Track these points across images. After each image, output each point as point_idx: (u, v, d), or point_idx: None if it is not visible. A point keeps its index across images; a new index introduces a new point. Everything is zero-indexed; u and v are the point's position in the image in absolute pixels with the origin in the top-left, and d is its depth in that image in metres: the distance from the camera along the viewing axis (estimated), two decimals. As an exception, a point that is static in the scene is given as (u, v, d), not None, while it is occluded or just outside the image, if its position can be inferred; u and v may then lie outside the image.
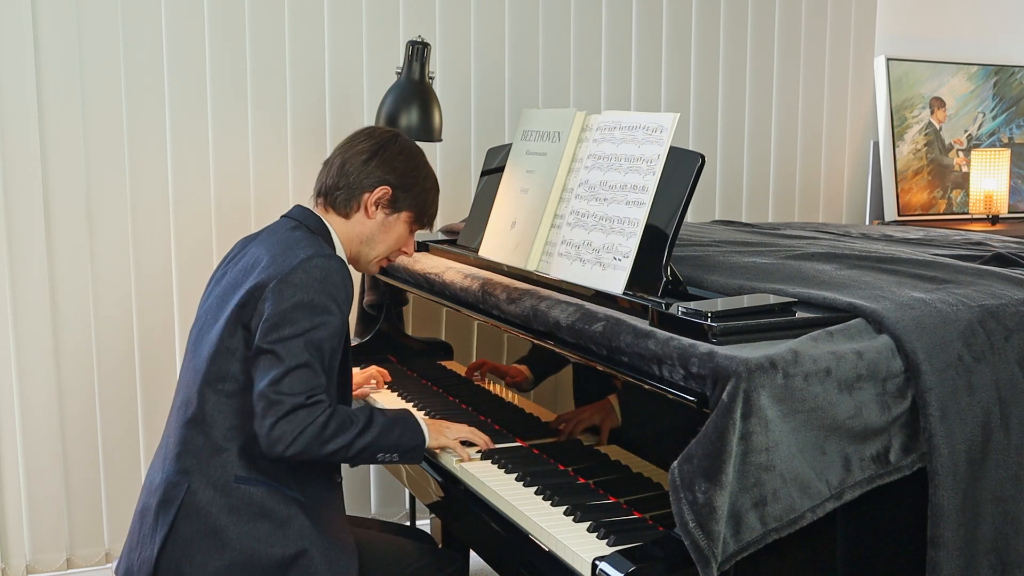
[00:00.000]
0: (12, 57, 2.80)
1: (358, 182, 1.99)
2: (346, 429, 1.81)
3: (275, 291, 1.80)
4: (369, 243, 2.04)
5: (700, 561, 1.42)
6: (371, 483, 3.32)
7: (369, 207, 2.00)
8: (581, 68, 3.48)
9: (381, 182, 1.99)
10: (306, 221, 1.99)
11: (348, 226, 2.02)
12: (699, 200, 3.67)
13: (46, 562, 2.99)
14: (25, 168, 2.84)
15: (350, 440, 1.82)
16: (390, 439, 1.88)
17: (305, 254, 1.84)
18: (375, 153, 2.00)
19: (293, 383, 1.77)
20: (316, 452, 1.79)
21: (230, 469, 1.84)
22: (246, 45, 3.04)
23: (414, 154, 2.05)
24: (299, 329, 1.78)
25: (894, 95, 3.95)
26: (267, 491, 1.84)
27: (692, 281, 1.96)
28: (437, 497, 2.08)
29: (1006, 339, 1.68)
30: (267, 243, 1.93)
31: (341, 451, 1.81)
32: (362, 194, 1.99)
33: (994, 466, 1.63)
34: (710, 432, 1.44)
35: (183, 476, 1.85)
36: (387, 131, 2.08)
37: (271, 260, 1.85)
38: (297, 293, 1.80)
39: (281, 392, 1.76)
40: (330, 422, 1.79)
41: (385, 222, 2.03)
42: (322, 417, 1.78)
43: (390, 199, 2.00)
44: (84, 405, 2.97)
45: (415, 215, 2.05)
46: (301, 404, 1.77)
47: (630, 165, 2.00)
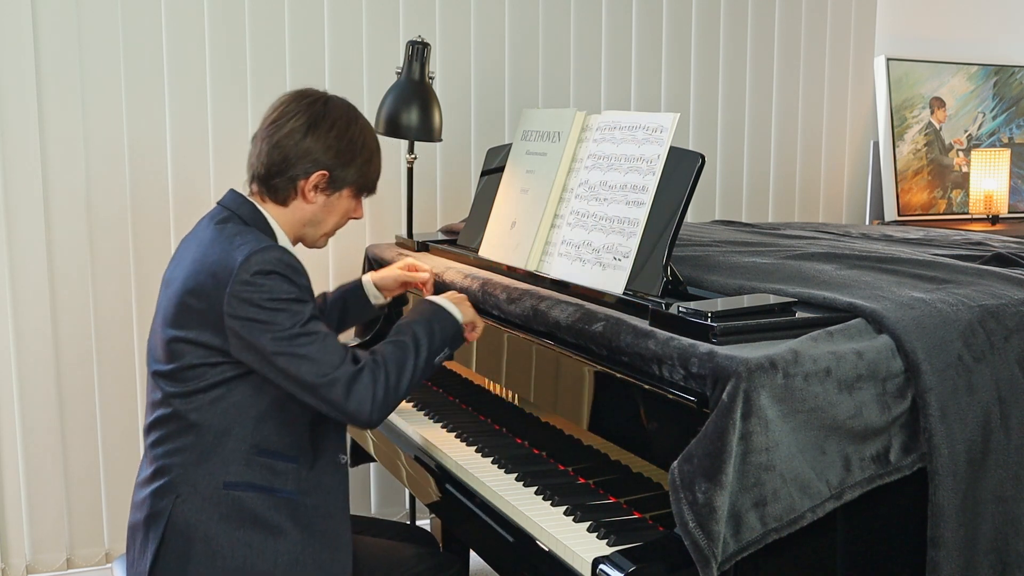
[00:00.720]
0: (12, 57, 2.80)
1: (292, 169, 1.86)
2: (405, 361, 1.82)
3: (232, 303, 1.72)
4: (313, 224, 1.93)
5: (700, 561, 1.42)
6: (371, 483, 3.32)
7: (307, 193, 1.88)
8: (581, 68, 3.48)
9: (317, 166, 1.87)
10: (239, 211, 1.88)
11: (288, 213, 1.91)
12: (699, 200, 3.67)
13: (46, 562, 2.99)
14: (25, 168, 2.84)
15: (413, 366, 1.83)
16: (436, 341, 1.89)
17: (242, 255, 1.74)
18: (306, 133, 1.86)
19: (330, 361, 1.74)
20: (398, 399, 1.81)
21: (218, 476, 1.79)
22: (246, 45, 3.04)
23: (348, 123, 1.91)
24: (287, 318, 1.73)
25: (894, 95, 3.95)
26: (257, 495, 1.80)
27: (692, 281, 1.95)
28: (437, 497, 2.08)
29: (1006, 339, 1.68)
30: (202, 245, 1.83)
31: (414, 381, 1.83)
32: (298, 180, 1.87)
33: (994, 466, 1.63)
34: (710, 432, 1.44)
35: (169, 487, 1.80)
36: (316, 99, 1.91)
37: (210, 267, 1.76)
38: (256, 293, 1.72)
39: (328, 375, 1.73)
40: (390, 367, 1.79)
41: (327, 203, 1.91)
42: (381, 371, 1.78)
43: (329, 180, 1.89)
44: (84, 405, 2.97)
45: (357, 188, 1.94)
46: (355, 372, 1.76)
47: (630, 165, 2.00)
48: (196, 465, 1.80)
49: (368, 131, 1.95)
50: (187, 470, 1.80)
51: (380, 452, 2.41)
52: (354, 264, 3.14)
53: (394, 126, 2.81)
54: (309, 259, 3.13)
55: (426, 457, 2.14)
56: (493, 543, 1.85)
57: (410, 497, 3.27)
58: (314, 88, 1.95)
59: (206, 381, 1.79)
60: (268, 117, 1.91)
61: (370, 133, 1.95)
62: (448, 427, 2.22)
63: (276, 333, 1.73)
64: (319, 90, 1.95)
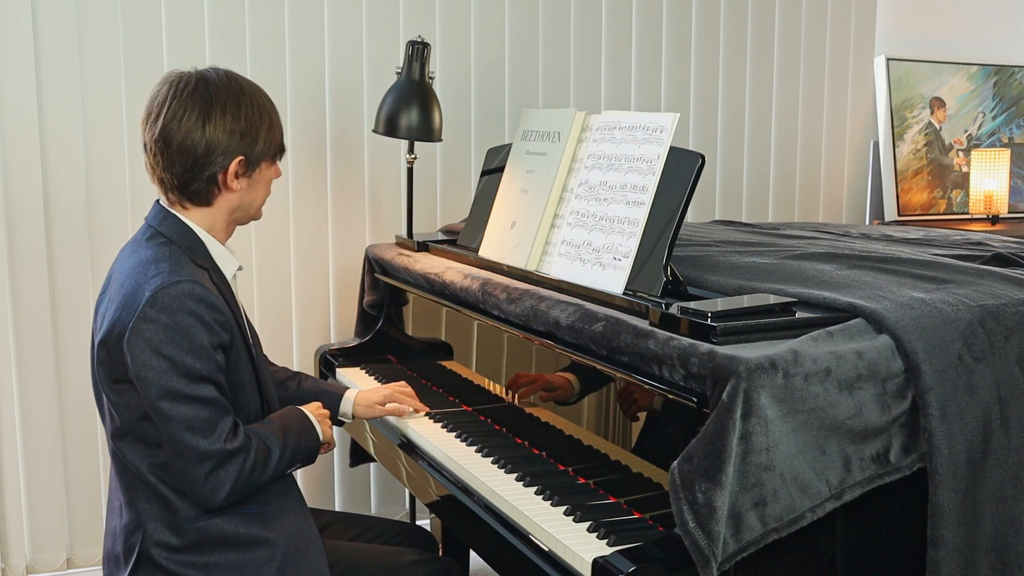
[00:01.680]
0: (12, 57, 2.80)
1: (206, 168, 1.79)
2: (270, 456, 1.79)
3: (131, 343, 1.68)
4: (243, 208, 1.88)
5: (700, 561, 1.43)
6: (371, 483, 3.32)
7: (230, 184, 1.82)
8: (581, 68, 3.48)
9: (231, 155, 1.80)
10: (160, 227, 1.82)
11: (214, 212, 1.85)
12: (699, 200, 3.67)
13: (46, 562, 2.99)
14: (25, 168, 2.84)
15: (275, 466, 1.80)
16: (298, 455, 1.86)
17: (150, 290, 1.68)
18: (203, 125, 1.77)
19: (205, 435, 1.70)
20: (251, 490, 1.78)
21: (178, 511, 1.75)
22: (246, 45, 3.04)
23: (236, 97, 1.82)
24: (177, 373, 1.68)
25: (894, 95, 3.95)
26: (223, 520, 1.77)
27: (692, 281, 1.96)
28: (437, 497, 2.08)
29: (1006, 339, 1.68)
30: (121, 273, 1.79)
31: (270, 479, 1.81)
32: (217, 176, 1.81)
33: (994, 466, 1.63)
34: (710, 432, 1.44)
35: (137, 523, 1.78)
36: (192, 84, 1.81)
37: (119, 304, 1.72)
38: (155, 336, 1.67)
39: (198, 449, 1.69)
40: (258, 457, 1.77)
41: (250, 183, 1.86)
42: (249, 459, 1.75)
43: (247, 163, 1.83)
44: (84, 405, 2.97)
45: (272, 156, 1.88)
46: (225, 452, 1.71)
47: (630, 165, 2.00)
48: (157, 504, 1.77)
49: (257, 95, 1.86)
50: (150, 506, 1.77)
51: (380, 452, 2.41)
52: (354, 264, 3.14)
53: (394, 126, 2.81)
54: (309, 260, 3.15)
55: (426, 457, 2.14)
56: (493, 543, 1.85)
57: (410, 497, 3.27)
58: (180, 70, 1.84)
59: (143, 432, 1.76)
60: (150, 118, 1.81)
61: (259, 95, 1.87)
62: (448, 427, 2.22)
63: (165, 389, 1.68)
64: (187, 71, 1.84)
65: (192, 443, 1.69)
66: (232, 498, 1.75)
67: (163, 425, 1.71)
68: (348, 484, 3.29)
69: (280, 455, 1.82)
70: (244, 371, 1.83)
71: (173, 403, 1.69)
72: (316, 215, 3.16)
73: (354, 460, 2.82)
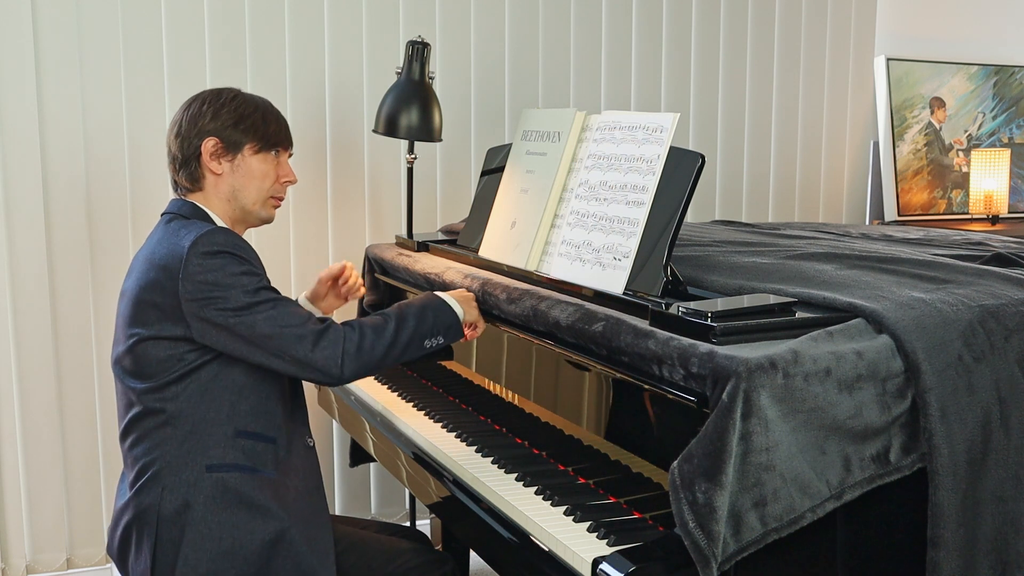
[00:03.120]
0: (12, 56, 2.80)
1: (187, 153, 1.95)
2: (382, 330, 1.87)
3: (185, 283, 1.79)
4: (237, 195, 1.98)
5: (700, 561, 1.43)
6: (371, 483, 3.32)
7: (211, 167, 1.95)
8: (581, 68, 3.48)
9: (204, 135, 1.94)
10: (180, 211, 1.95)
11: (210, 195, 1.97)
12: (699, 200, 3.67)
13: (46, 562, 2.99)
14: (25, 167, 2.84)
15: (391, 338, 1.87)
16: (426, 324, 1.93)
17: (189, 240, 1.81)
18: (183, 118, 1.97)
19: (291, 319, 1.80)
20: (373, 360, 1.84)
21: (200, 460, 1.84)
22: (246, 45, 3.04)
23: (218, 94, 1.99)
24: (239, 290, 1.79)
25: (894, 95, 3.95)
26: (240, 475, 1.84)
27: (692, 281, 1.96)
28: (437, 497, 2.08)
29: (1006, 339, 1.68)
30: (148, 248, 1.91)
31: (389, 350, 1.87)
32: (199, 159, 1.95)
33: (994, 466, 1.63)
34: (710, 432, 1.44)
35: (153, 482, 1.84)
36: (192, 98, 2.02)
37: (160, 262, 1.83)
38: (207, 271, 1.79)
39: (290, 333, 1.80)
40: (362, 330, 1.85)
41: (233, 167, 1.96)
42: (349, 331, 1.84)
43: (222, 145, 1.95)
44: (84, 404, 2.97)
45: (257, 142, 1.98)
46: (319, 330, 1.81)
47: (630, 165, 2.00)
48: (177, 453, 1.84)
49: (247, 96, 2.00)
50: (169, 461, 1.84)
51: (380, 452, 2.41)
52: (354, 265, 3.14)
53: (394, 126, 2.81)
54: (309, 259, 3.14)
55: (426, 457, 2.14)
56: (493, 543, 1.85)
57: (410, 497, 3.27)
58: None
59: (176, 372, 1.84)
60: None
61: (250, 97, 2.01)
62: (448, 427, 2.22)
63: (233, 304, 1.79)
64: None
65: (283, 332, 1.80)
66: (356, 363, 1.83)
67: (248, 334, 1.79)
68: (348, 484, 3.29)
69: (398, 323, 1.89)
70: None
71: (250, 313, 1.79)
72: (316, 215, 3.16)
73: (354, 460, 2.83)
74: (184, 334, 1.82)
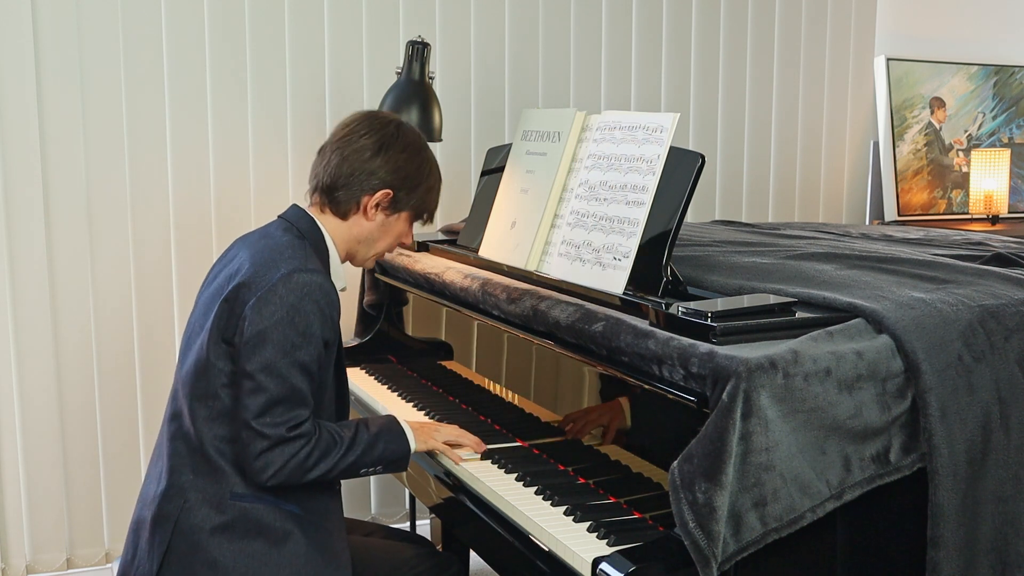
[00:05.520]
0: (12, 56, 2.80)
1: (358, 183, 1.90)
2: (329, 453, 1.80)
3: (254, 309, 1.75)
4: (367, 243, 1.97)
5: (700, 561, 1.43)
6: (371, 484, 3.32)
7: (369, 210, 1.92)
8: (581, 68, 3.48)
9: (383, 185, 1.91)
10: (298, 223, 1.92)
11: (345, 228, 1.94)
12: (699, 200, 3.67)
13: (46, 562, 2.99)
14: (25, 168, 2.84)
15: (333, 464, 1.81)
16: (373, 454, 1.87)
17: (286, 269, 1.77)
18: (378, 151, 1.91)
19: (276, 416, 1.74)
20: (299, 480, 1.79)
21: (225, 486, 1.80)
22: (246, 45, 3.04)
23: (419, 149, 1.96)
24: (280, 351, 1.74)
25: (894, 95, 3.95)
26: (264, 507, 1.81)
27: (692, 281, 1.96)
28: (437, 498, 2.08)
29: (1006, 339, 1.68)
30: (254, 248, 1.87)
31: (324, 475, 1.81)
32: (362, 196, 1.91)
33: (994, 466, 1.63)
34: (710, 432, 1.44)
35: (178, 491, 1.81)
36: (389, 121, 1.97)
37: (252, 271, 1.80)
38: (277, 312, 1.74)
39: (264, 425, 1.74)
40: (313, 451, 1.78)
41: (385, 223, 1.96)
42: (305, 449, 1.77)
43: (391, 201, 1.93)
44: (84, 404, 2.97)
45: (416, 213, 1.99)
46: (284, 438, 1.75)
47: (630, 165, 2.00)
48: (205, 475, 1.81)
49: (434, 162, 2.00)
50: (196, 478, 1.81)
51: (380, 452, 2.41)
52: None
53: (394, 126, 2.80)
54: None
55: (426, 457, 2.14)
56: (493, 543, 1.85)
57: (410, 497, 3.27)
58: (388, 112, 2.04)
59: (221, 400, 1.80)
60: (338, 132, 1.95)
61: (435, 164, 2.00)
62: (448, 427, 2.22)
63: (270, 355, 1.74)
64: (392, 115, 2.02)
65: (260, 419, 1.74)
66: (279, 480, 1.77)
67: (248, 391, 1.75)
68: (348, 484, 3.29)
69: (345, 450, 1.83)
70: (331, 373, 1.89)
71: (267, 376, 1.74)
72: (316, 215, 3.16)
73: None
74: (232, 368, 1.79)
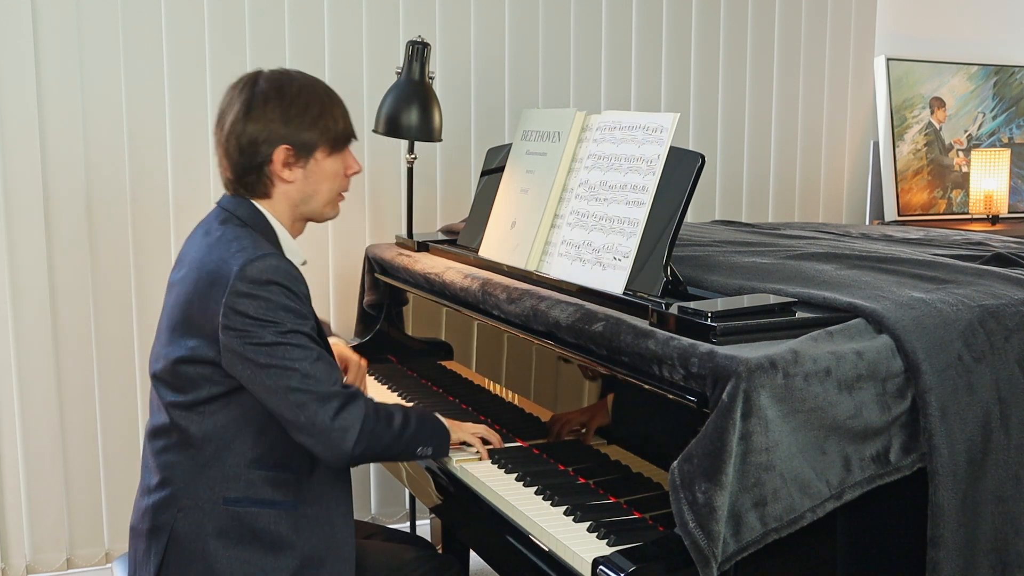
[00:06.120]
0: (12, 56, 2.80)
1: (253, 158, 1.80)
2: (392, 421, 1.78)
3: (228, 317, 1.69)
4: (308, 200, 1.86)
5: (700, 561, 1.43)
6: (371, 484, 3.32)
7: (281, 173, 1.82)
8: (581, 68, 3.48)
9: (275, 144, 1.79)
10: (237, 211, 1.83)
11: (277, 204, 1.85)
12: (699, 200, 3.67)
13: (46, 562, 2.99)
14: (25, 168, 2.84)
15: (397, 433, 1.79)
16: (426, 431, 1.87)
17: (238, 264, 1.70)
18: (247, 116, 1.79)
19: (324, 375, 1.70)
20: (376, 451, 1.76)
21: (218, 490, 1.77)
22: (246, 45, 3.04)
23: (282, 87, 1.82)
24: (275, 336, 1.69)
25: (894, 95, 3.95)
26: (258, 510, 1.78)
27: (692, 281, 1.96)
28: (437, 498, 2.08)
29: (1006, 339, 1.68)
30: (200, 250, 1.80)
31: (391, 446, 1.79)
32: (265, 167, 1.81)
33: (994, 466, 1.63)
34: (710, 432, 1.44)
35: (171, 501, 1.78)
36: (245, 81, 1.84)
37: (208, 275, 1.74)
38: (251, 306, 1.69)
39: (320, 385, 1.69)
40: (379, 413, 1.76)
41: (308, 173, 1.84)
42: (371, 409, 1.75)
43: (295, 152, 1.81)
44: (84, 405, 2.97)
45: (331, 145, 1.85)
46: (347, 394, 1.72)
47: (630, 165, 2.00)
48: (197, 479, 1.78)
49: (308, 85, 1.86)
50: (188, 484, 1.78)
51: (380, 452, 2.41)
52: (354, 265, 3.14)
53: (394, 126, 2.81)
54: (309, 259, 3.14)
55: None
56: (493, 543, 1.85)
57: (410, 497, 3.27)
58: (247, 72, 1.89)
59: (205, 392, 1.76)
60: (217, 120, 1.86)
61: (312, 86, 1.86)
62: (448, 427, 2.22)
63: (269, 344, 1.69)
64: (251, 72, 1.88)
65: (310, 388, 1.69)
66: (363, 446, 1.72)
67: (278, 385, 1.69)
68: (348, 484, 3.29)
69: (403, 423, 1.80)
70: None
71: (282, 360, 1.69)
72: (316, 215, 3.16)
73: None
74: (216, 359, 1.73)
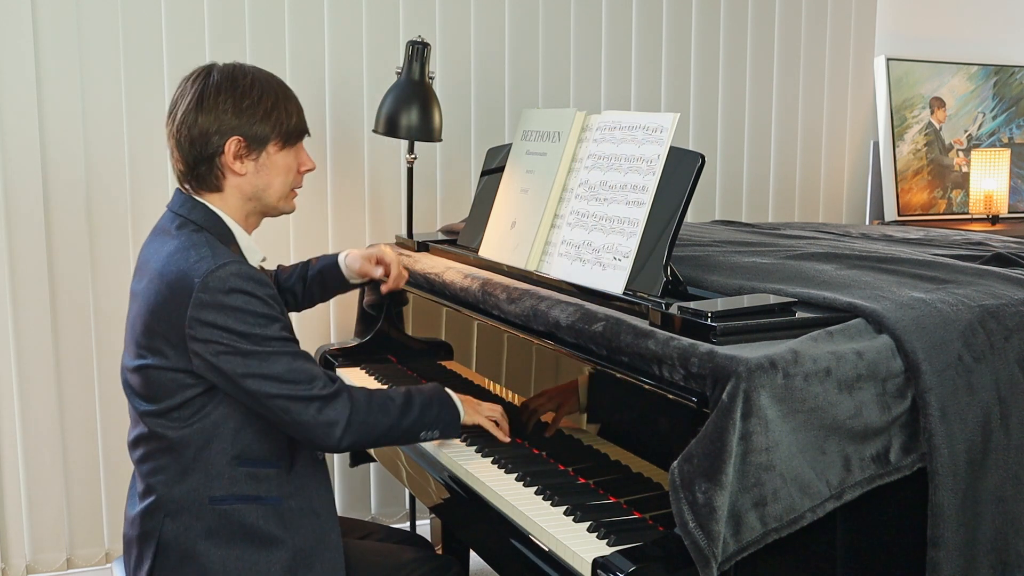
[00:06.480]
0: (12, 56, 2.80)
1: (204, 151, 1.78)
2: (387, 409, 1.79)
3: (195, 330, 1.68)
4: (260, 195, 1.85)
5: (700, 561, 1.42)
6: (371, 484, 3.32)
7: (233, 166, 1.79)
8: (581, 68, 3.48)
9: (226, 135, 1.77)
10: (191, 215, 1.80)
11: (230, 198, 1.83)
12: (699, 200, 3.67)
13: (46, 562, 2.99)
14: (25, 168, 2.84)
15: (394, 421, 1.80)
16: (430, 415, 1.88)
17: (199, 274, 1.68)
18: (199, 108, 1.77)
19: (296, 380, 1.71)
20: (369, 439, 1.78)
21: (202, 491, 1.76)
22: (246, 45, 3.04)
23: (235, 80, 1.80)
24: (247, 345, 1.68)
25: (894, 95, 3.95)
26: (245, 506, 1.77)
27: (692, 281, 1.96)
28: (437, 498, 2.08)
29: (1006, 339, 1.68)
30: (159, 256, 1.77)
31: (387, 433, 1.80)
32: (216, 159, 1.78)
33: (994, 466, 1.63)
34: (710, 432, 1.44)
35: (157, 507, 1.78)
36: (198, 74, 1.82)
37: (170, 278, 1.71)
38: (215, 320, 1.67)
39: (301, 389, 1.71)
40: (370, 405, 1.78)
41: (259, 166, 1.82)
42: (360, 402, 1.76)
43: (246, 144, 1.79)
44: (84, 405, 2.97)
45: (283, 138, 1.83)
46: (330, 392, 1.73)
47: (630, 165, 2.00)
48: (180, 483, 1.78)
49: (262, 78, 1.84)
50: (171, 488, 1.78)
51: (380, 452, 2.41)
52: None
53: (394, 126, 2.81)
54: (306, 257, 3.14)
55: (426, 457, 2.14)
56: (493, 543, 1.85)
57: (410, 497, 3.27)
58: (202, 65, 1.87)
59: (179, 398, 1.76)
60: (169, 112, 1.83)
61: (266, 80, 1.85)
62: (448, 427, 2.22)
63: (244, 354, 1.69)
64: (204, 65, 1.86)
65: (291, 393, 1.71)
66: (352, 437, 1.75)
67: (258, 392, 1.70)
68: (348, 484, 3.29)
69: (402, 409, 1.82)
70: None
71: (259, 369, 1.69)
72: (316, 215, 3.16)
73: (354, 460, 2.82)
74: (186, 366, 1.72)
